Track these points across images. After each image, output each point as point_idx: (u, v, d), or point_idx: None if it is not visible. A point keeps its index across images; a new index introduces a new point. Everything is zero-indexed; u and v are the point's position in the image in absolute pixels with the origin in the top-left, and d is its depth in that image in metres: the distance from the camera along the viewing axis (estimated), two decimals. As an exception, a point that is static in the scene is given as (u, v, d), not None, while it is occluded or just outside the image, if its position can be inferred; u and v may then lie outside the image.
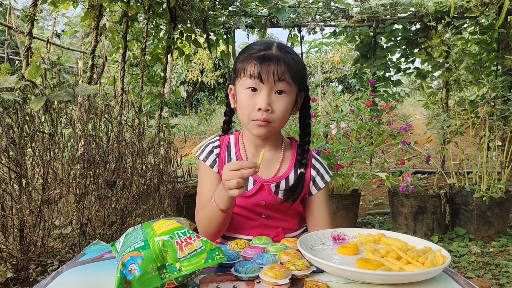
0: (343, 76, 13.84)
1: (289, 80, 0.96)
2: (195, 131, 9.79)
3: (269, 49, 0.97)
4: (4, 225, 1.77)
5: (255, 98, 0.95)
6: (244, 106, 0.97)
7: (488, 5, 3.83)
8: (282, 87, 0.95)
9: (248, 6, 4.33)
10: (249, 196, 1.03)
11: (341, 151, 2.96)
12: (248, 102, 0.96)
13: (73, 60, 9.37)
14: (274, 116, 0.96)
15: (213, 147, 1.09)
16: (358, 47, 4.99)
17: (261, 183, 1.03)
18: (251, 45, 1.01)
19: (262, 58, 0.94)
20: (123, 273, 0.57)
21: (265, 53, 0.95)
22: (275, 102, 0.95)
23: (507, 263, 2.39)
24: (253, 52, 0.97)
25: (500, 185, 2.80)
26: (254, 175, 1.00)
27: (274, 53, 0.95)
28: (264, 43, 1.00)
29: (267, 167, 1.06)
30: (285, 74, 0.94)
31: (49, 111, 1.86)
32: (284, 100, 0.96)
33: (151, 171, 2.37)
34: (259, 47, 0.98)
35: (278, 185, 1.04)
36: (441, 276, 0.66)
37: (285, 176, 1.05)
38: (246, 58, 0.97)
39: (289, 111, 1.00)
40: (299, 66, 0.98)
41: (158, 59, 3.60)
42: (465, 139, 4.13)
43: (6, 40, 4.70)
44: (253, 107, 0.95)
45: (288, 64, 0.95)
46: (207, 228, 0.99)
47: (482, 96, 3.48)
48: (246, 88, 0.96)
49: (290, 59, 0.96)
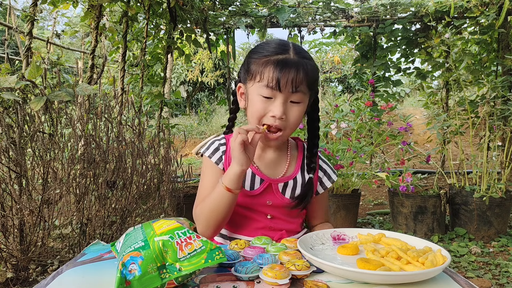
0: (343, 76, 13.84)
1: (305, 89, 0.93)
2: (195, 131, 9.79)
3: (286, 53, 0.93)
4: (4, 225, 1.77)
5: (269, 105, 0.93)
6: (256, 110, 0.95)
7: (488, 5, 3.83)
8: (298, 97, 0.93)
9: (248, 6, 4.33)
10: (256, 195, 1.02)
11: (341, 151, 2.96)
12: (261, 107, 0.94)
13: (73, 60, 9.38)
14: (287, 124, 0.95)
15: (219, 144, 1.07)
16: (358, 47, 4.99)
17: (268, 182, 1.02)
18: (265, 45, 0.97)
19: (280, 63, 0.90)
20: (123, 273, 0.57)
21: (284, 58, 0.91)
22: (289, 110, 0.94)
23: (507, 263, 2.39)
24: (269, 54, 0.93)
25: (500, 185, 2.80)
26: (262, 175, 1.02)
27: (293, 59, 0.92)
28: (280, 44, 0.95)
29: (274, 168, 1.05)
30: (303, 83, 0.92)
31: (49, 111, 1.86)
32: (299, 109, 0.95)
33: (151, 171, 2.37)
34: (275, 49, 0.94)
35: (286, 185, 1.03)
36: (441, 276, 0.66)
37: (292, 177, 1.04)
38: (262, 60, 0.93)
39: (302, 118, 0.99)
40: (315, 72, 0.95)
41: (158, 59, 3.60)
42: (465, 139, 4.13)
43: (6, 40, 4.70)
44: (266, 113, 0.94)
45: (307, 73, 0.92)
46: (208, 218, 0.96)
47: (482, 96, 3.47)
48: (261, 95, 0.93)
49: (308, 66, 0.93)
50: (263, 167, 1.04)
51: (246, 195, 1.01)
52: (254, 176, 1.02)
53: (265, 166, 1.04)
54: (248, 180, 1.02)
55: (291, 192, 1.03)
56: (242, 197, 1.00)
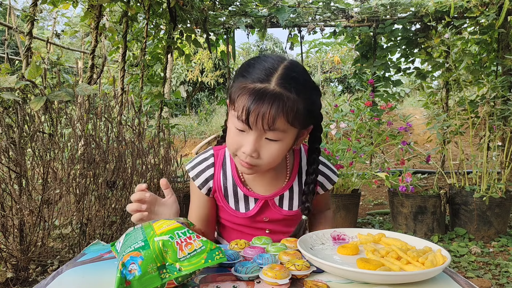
0: (343, 76, 13.85)
1: (284, 126, 0.80)
2: (195, 131, 9.79)
3: (267, 81, 0.78)
4: (4, 225, 1.77)
5: (242, 138, 0.82)
6: (230, 142, 0.86)
7: (488, 5, 3.83)
8: (275, 135, 0.80)
9: (248, 6, 4.33)
10: (252, 216, 0.98)
11: (341, 151, 2.97)
12: (234, 139, 0.84)
13: (73, 60, 9.38)
14: (261, 161, 0.84)
15: (206, 166, 0.99)
16: (358, 47, 4.99)
17: (263, 200, 0.97)
18: (253, 65, 0.83)
19: (254, 94, 0.77)
20: (123, 273, 0.57)
21: (261, 88, 0.77)
22: (264, 148, 0.82)
23: (507, 263, 2.39)
24: (249, 81, 0.80)
25: (500, 185, 2.80)
26: (255, 194, 0.96)
27: (271, 90, 0.77)
28: (266, 69, 0.80)
29: (269, 184, 0.98)
30: (278, 121, 0.78)
31: (49, 111, 1.86)
32: (276, 147, 0.82)
33: (151, 171, 2.37)
34: (258, 75, 0.80)
35: (282, 197, 0.98)
36: (441, 276, 0.66)
37: (288, 187, 0.99)
38: (241, 86, 0.80)
39: (282, 155, 0.86)
40: (302, 103, 0.80)
41: (158, 59, 3.61)
42: (465, 139, 4.13)
43: (6, 40, 4.70)
44: (239, 146, 0.83)
45: (284, 106, 0.77)
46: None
47: (482, 96, 3.48)
48: (235, 126, 0.82)
49: (291, 98, 0.78)
50: (257, 186, 0.98)
51: (242, 217, 0.98)
52: (247, 198, 0.98)
53: (260, 184, 0.98)
54: (242, 202, 0.98)
55: (288, 204, 0.99)
56: (238, 218, 0.99)
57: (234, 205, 0.99)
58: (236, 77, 0.84)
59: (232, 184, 0.98)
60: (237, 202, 0.99)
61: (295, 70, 0.82)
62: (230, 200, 0.99)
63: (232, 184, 0.98)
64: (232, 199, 0.99)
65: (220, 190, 0.98)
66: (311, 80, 0.85)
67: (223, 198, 0.99)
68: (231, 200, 0.99)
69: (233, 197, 0.99)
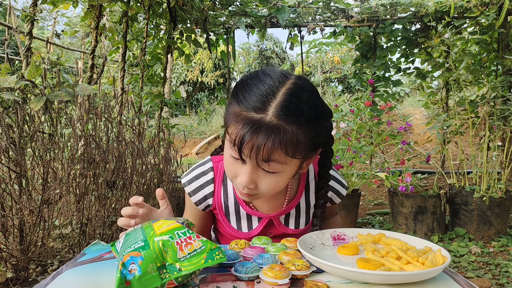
0: (343, 76, 13.85)
1: (283, 159, 0.71)
2: (195, 131, 9.80)
3: (264, 111, 0.68)
4: (4, 225, 1.77)
5: (237, 167, 0.75)
6: (227, 169, 0.79)
7: (488, 5, 3.83)
8: (271, 168, 0.72)
9: (248, 6, 4.33)
10: (256, 235, 0.92)
11: (341, 151, 2.97)
12: (229, 167, 0.77)
13: (73, 60, 9.38)
14: (259, 192, 0.77)
15: (206, 182, 0.91)
16: (358, 47, 4.99)
17: (268, 219, 0.91)
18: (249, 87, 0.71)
19: (250, 125, 0.67)
20: (123, 273, 0.57)
21: (257, 119, 0.67)
22: (261, 179, 0.75)
23: (507, 263, 2.39)
24: (243, 109, 0.69)
25: (500, 185, 2.80)
26: (259, 213, 0.90)
27: (268, 122, 0.67)
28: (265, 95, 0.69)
29: (273, 202, 0.91)
30: (275, 154, 0.69)
31: (49, 111, 1.86)
32: (275, 179, 0.75)
33: (151, 171, 2.37)
34: (254, 102, 0.69)
35: (287, 215, 0.92)
36: (441, 276, 0.66)
37: (294, 205, 0.92)
38: (237, 110, 0.70)
39: (284, 185, 0.78)
40: (305, 134, 0.70)
41: (158, 59, 3.61)
42: (465, 139, 4.13)
43: (6, 40, 4.70)
44: (235, 175, 0.76)
45: (282, 141, 0.68)
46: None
47: (482, 96, 3.48)
48: (230, 154, 0.75)
49: (290, 131, 0.68)
50: (261, 205, 0.92)
51: (245, 236, 0.92)
52: (250, 217, 0.92)
53: (265, 203, 0.91)
54: (244, 221, 0.92)
55: (295, 222, 0.93)
56: (241, 236, 0.93)
57: (236, 224, 0.93)
58: (232, 98, 0.73)
59: (234, 202, 0.91)
60: (239, 220, 0.93)
61: (298, 95, 0.70)
62: (231, 219, 0.93)
63: (234, 203, 0.91)
64: (234, 218, 0.93)
65: (221, 207, 0.92)
66: (319, 103, 0.74)
67: (224, 216, 0.93)
68: (233, 218, 0.93)
69: (235, 216, 0.93)
